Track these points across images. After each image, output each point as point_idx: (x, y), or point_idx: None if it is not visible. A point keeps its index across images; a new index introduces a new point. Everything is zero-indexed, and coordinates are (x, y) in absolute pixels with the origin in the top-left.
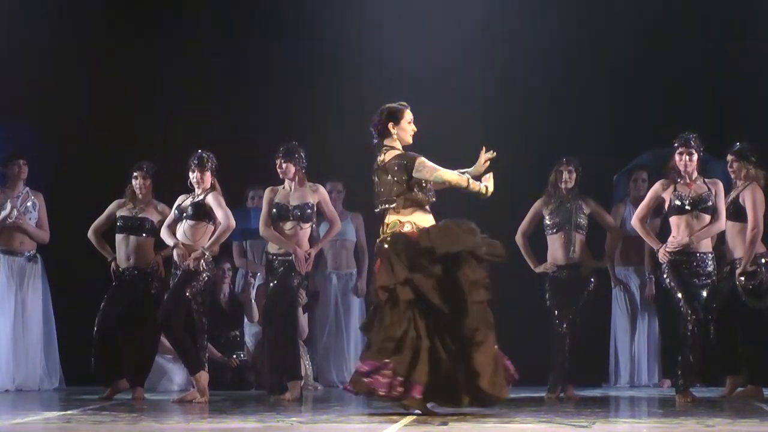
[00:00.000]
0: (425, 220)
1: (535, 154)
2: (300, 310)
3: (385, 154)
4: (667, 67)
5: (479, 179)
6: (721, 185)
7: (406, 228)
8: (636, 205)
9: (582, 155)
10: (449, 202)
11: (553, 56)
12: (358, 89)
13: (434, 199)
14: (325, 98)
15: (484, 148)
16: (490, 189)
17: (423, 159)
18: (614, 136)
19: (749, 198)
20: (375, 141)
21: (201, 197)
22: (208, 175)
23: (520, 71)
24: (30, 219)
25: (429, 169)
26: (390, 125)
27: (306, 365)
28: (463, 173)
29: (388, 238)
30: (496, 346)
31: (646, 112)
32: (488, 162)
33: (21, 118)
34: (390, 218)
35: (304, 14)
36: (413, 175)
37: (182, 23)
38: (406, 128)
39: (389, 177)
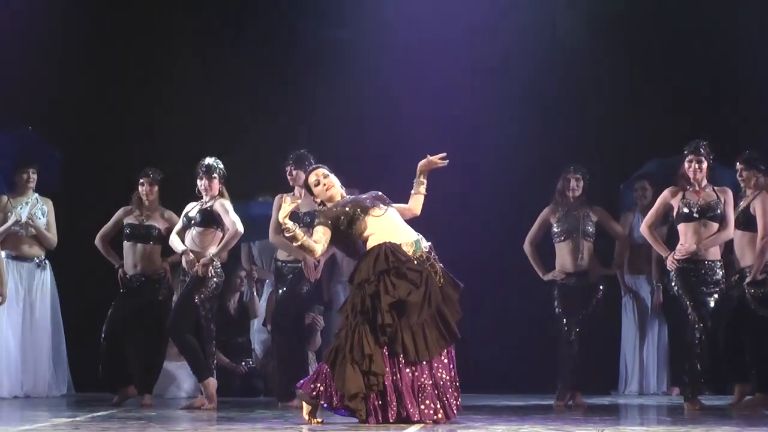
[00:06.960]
0: None
1: (542, 162)
2: (317, 332)
3: None
4: (675, 74)
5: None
6: (730, 193)
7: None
8: (644, 214)
9: (589, 163)
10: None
11: (560, 63)
12: (366, 96)
13: None
14: (335, 105)
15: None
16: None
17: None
18: (622, 145)
19: (760, 207)
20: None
21: (209, 204)
22: (215, 182)
23: (527, 79)
24: (40, 226)
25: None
26: None
27: None
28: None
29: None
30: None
31: (654, 119)
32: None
33: (29, 125)
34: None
35: (309, 23)
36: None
37: (189, 28)
38: None
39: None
